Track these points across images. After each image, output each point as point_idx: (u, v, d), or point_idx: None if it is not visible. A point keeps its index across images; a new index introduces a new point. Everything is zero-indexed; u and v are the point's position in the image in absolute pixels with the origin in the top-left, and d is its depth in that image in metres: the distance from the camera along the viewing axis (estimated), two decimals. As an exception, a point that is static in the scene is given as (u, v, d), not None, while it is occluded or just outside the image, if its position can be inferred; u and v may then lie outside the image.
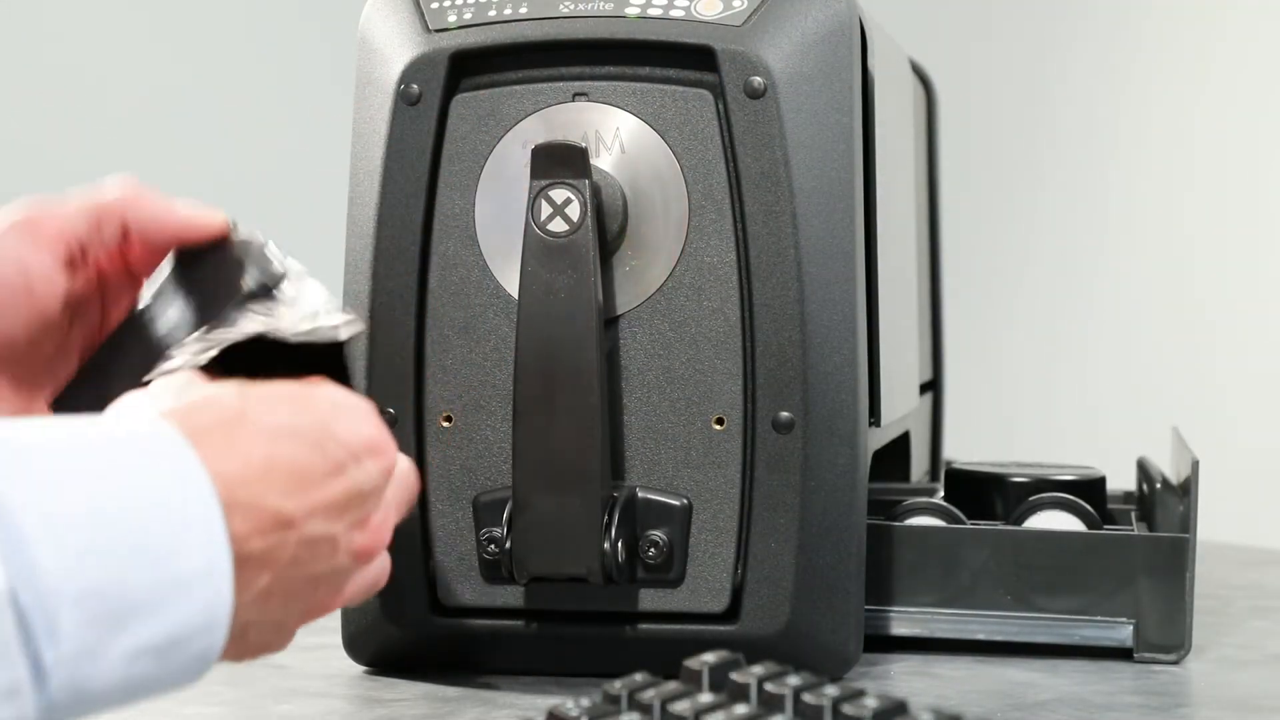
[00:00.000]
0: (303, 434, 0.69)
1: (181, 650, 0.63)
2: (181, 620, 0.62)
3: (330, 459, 0.70)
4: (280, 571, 0.68)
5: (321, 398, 0.72)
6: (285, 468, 0.68)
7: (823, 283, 0.93)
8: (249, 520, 0.66)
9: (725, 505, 0.94)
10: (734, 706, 0.68)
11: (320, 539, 0.69)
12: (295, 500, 0.68)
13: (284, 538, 0.67)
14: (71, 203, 0.86)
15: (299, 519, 0.68)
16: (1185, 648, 1.02)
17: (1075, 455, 1.29)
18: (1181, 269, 2.39)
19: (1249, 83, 2.32)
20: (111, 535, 0.61)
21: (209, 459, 0.65)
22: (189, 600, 0.63)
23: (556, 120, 0.95)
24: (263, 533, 0.66)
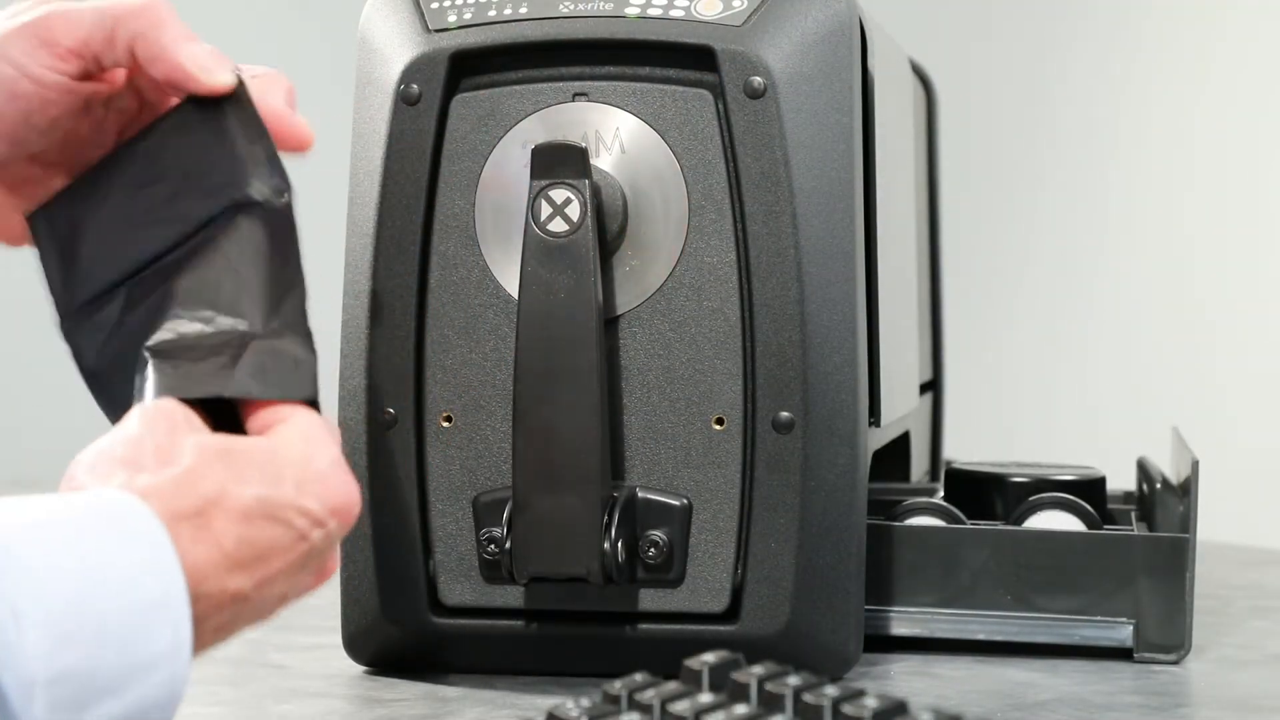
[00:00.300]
0: (274, 511, 0.71)
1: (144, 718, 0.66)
2: (143, 697, 0.65)
3: (295, 531, 0.72)
4: (232, 631, 0.72)
5: (293, 460, 0.73)
6: (251, 550, 0.70)
7: (823, 283, 0.93)
8: (210, 603, 0.69)
9: (725, 505, 0.94)
10: (734, 706, 0.68)
11: (274, 598, 0.72)
12: (255, 578, 0.70)
13: (239, 610, 0.70)
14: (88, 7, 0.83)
15: (253, 591, 0.71)
16: (1185, 648, 1.02)
17: (1075, 455, 1.29)
18: (1181, 269, 2.39)
19: (1249, 82, 2.32)
20: (87, 623, 0.63)
21: (184, 550, 0.67)
22: (151, 680, 0.65)
23: (556, 120, 0.95)
24: (219, 610, 0.69)
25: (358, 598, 0.97)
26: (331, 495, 0.73)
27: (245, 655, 1.02)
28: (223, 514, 0.69)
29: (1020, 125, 2.58)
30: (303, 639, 1.06)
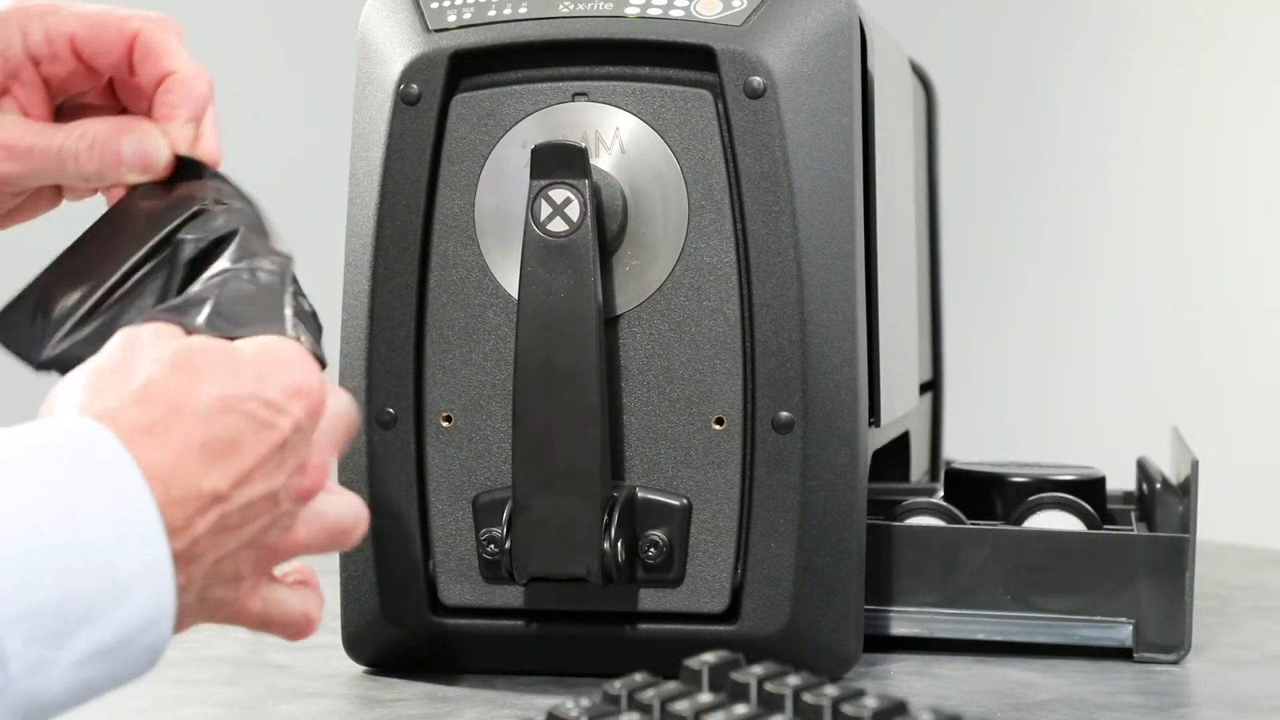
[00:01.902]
0: (234, 405, 0.69)
1: (130, 647, 0.65)
2: (126, 621, 0.64)
3: (259, 421, 0.70)
4: (221, 541, 0.68)
5: (251, 355, 0.72)
6: (217, 446, 0.68)
7: (823, 283, 0.93)
8: (186, 509, 0.67)
9: (725, 505, 0.94)
10: (734, 706, 0.68)
11: (258, 499, 0.70)
12: (227, 473, 0.68)
13: (221, 510, 0.68)
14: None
15: (231, 490, 0.68)
16: (1185, 648, 1.02)
17: (1075, 455, 1.29)
18: (1181, 269, 2.39)
19: (1248, 82, 2.32)
20: (52, 555, 0.62)
21: (144, 459, 0.66)
22: (132, 602, 0.64)
23: (556, 120, 0.95)
24: (202, 513, 0.67)
25: (358, 598, 0.97)
26: (292, 380, 0.71)
27: (245, 655, 1.02)
28: (184, 418, 0.68)
29: (1020, 125, 2.58)
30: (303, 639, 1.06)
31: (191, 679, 0.96)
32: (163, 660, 0.98)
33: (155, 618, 0.65)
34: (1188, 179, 2.39)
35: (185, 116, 0.83)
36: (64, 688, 0.63)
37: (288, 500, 0.71)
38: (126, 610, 0.64)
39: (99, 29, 0.83)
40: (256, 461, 0.69)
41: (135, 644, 0.65)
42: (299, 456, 0.72)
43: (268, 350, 0.73)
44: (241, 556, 0.70)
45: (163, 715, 0.89)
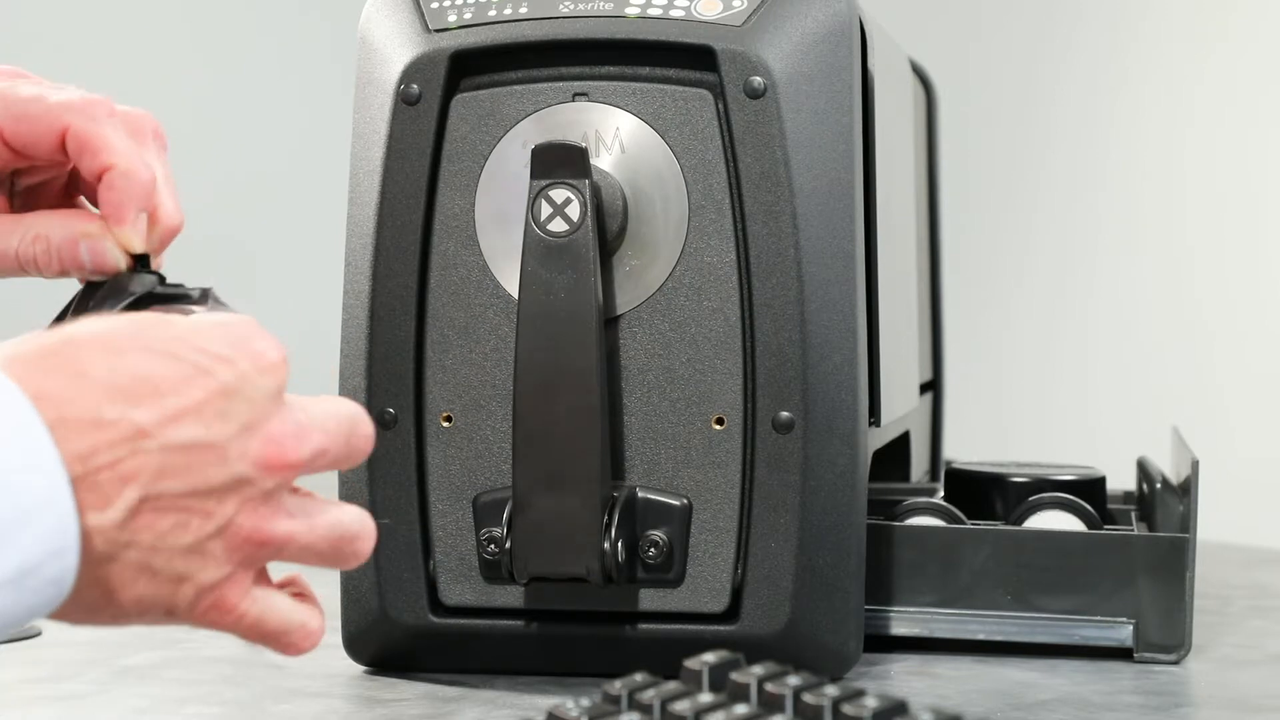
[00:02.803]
0: (152, 347, 0.67)
1: (33, 578, 0.63)
2: (26, 550, 0.62)
3: (188, 363, 0.67)
4: (149, 484, 0.65)
5: (187, 320, 0.69)
6: (130, 378, 0.66)
7: (823, 283, 0.93)
8: (89, 436, 0.64)
9: (725, 505, 0.94)
10: (734, 706, 0.68)
11: (195, 446, 0.66)
12: (147, 409, 0.65)
13: (140, 446, 0.65)
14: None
15: (154, 426, 0.65)
16: (1185, 648, 1.02)
17: (1075, 455, 1.29)
18: (1181, 269, 2.39)
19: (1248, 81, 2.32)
20: None
21: (30, 382, 0.64)
22: (31, 530, 0.62)
23: (556, 120, 0.95)
24: (111, 446, 0.64)
25: (358, 598, 0.97)
26: (240, 335, 0.69)
27: (245, 655, 1.02)
28: (82, 351, 0.65)
29: (1020, 125, 2.58)
30: (303, 639, 1.06)
31: (192, 679, 0.96)
32: (163, 660, 0.98)
33: (58, 548, 0.63)
34: (1188, 179, 2.39)
35: (131, 216, 0.81)
36: None
37: (242, 460, 0.67)
38: (26, 538, 0.62)
39: (28, 122, 0.82)
40: (189, 403, 0.66)
41: (39, 574, 0.63)
42: (252, 412, 0.68)
43: (218, 319, 0.70)
44: (198, 525, 0.66)
45: (163, 715, 0.89)
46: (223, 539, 0.67)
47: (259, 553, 0.69)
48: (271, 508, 0.69)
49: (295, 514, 0.70)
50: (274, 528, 0.69)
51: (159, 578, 0.67)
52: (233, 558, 0.68)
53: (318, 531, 0.71)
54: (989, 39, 2.61)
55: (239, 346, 0.68)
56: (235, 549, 0.68)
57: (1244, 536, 1.53)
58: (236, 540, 0.68)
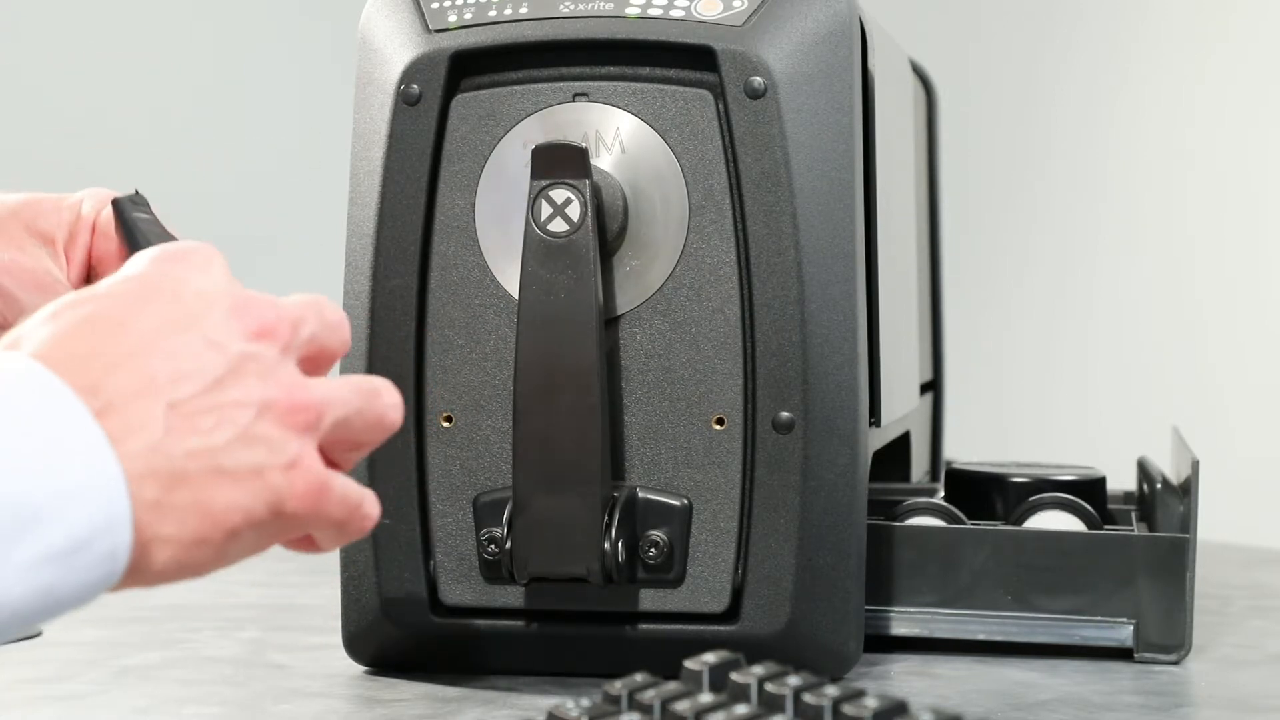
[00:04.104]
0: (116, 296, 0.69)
1: (86, 554, 0.63)
2: (74, 525, 0.63)
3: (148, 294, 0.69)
4: (166, 392, 0.66)
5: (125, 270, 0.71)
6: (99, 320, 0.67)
7: (823, 283, 0.93)
8: (91, 369, 0.65)
9: (725, 505, 0.94)
10: (734, 707, 0.68)
11: (184, 347, 0.67)
12: (124, 337, 0.67)
13: (138, 365, 0.66)
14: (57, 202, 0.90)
15: (139, 347, 0.66)
16: (1185, 648, 1.02)
17: (1075, 455, 1.29)
18: (1181, 269, 2.39)
19: (1248, 81, 2.32)
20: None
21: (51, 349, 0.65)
22: (81, 506, 0.63)
23: (557, 120, 0.95)
24: (109, 372, 0.65)
25: (358, 598, 0.97)
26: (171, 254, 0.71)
27: (245, 655, 1.02)
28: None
29: (1020, 125, 2.58)
30: (303, 639, 1.06)
31: (192, 679, 0.96)
32: (162, 660, 0.98)
33: (107, 524, 0.63)
34: (1188, 179, 2.39)
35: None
36: (21, 589, 0.62)
37: (239, 340, 0.68)
38: (75, 514, 0.63)
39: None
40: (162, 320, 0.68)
41: (91, 550, 0.63)
42: (221, 299, 0.69)
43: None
44: (235, 414, 0.67)
45: (163, 715, 0.89)
46: (269, 419, 0.68)
47: (309, 420, 0.69)
48: (292, 377, 0.70)
49: (318, 382, 0.70)
50: (308, 392, 0.69)
51: (238, 476, 0.67)
52: (289, 433, 0.68)
53: (347, 386, 0.72)
54: (989, 39, 2.61)
55: (174, 260, 0.70)
56: (285, 423, 0.68)
57: (1244, 536, 1.53)
58: (280, 415, 0.68)
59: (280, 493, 0.68)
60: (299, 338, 0.71)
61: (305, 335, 0.71)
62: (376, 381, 0.74)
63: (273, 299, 0.71)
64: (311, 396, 0.69)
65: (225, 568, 0.68)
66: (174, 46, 2.60)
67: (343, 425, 0.72)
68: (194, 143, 2.59)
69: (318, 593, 1.20)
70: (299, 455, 0.69)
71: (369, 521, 0.73)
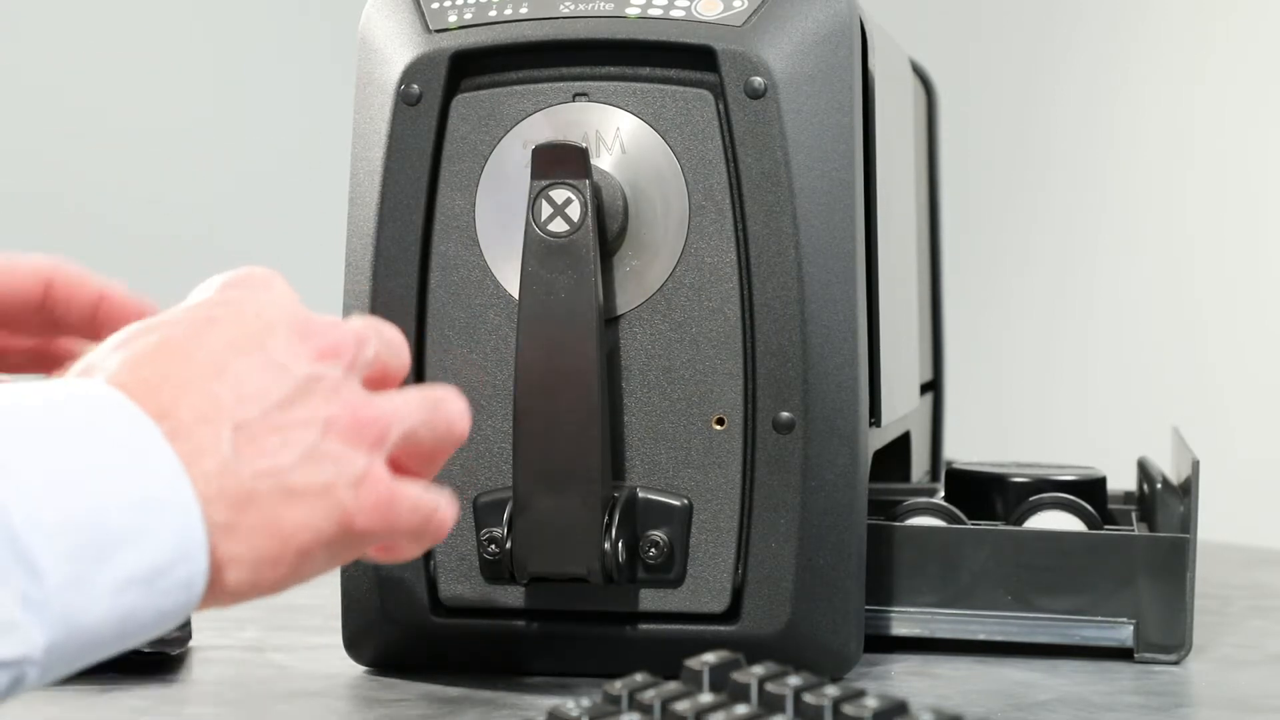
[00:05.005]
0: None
1: (165, 579, 0.64)
2: (158, 549, 0.63)
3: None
4: (232, 414, 0.67)
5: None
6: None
7: (823, 283, 0.93)
8: (161, 392, 0.66)
9: (725, 505, 0.94)
10: (734, 707, 0.68)
11: (250, 370, 0.68)
12: (190, 361, 0.67)
13: (205, 389, 0.67)
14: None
15: (208, 370, 0.67)
16: (1185, 648, 1.02)
17: (1075, 455, 1.29)
18: (1181, 269, 2.39)
19: (1248, 81, 2.32)
20: (83, 480, 0.62)
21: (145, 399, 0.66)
22: (163, 530, 0.63)
23: (557, 120, 0.95)
24: (178, 393, 0.66)
25: (358, 598, 0.97)
26: (232, 280, 0.72)
27: (245, 655, 1.02)
28: (181, 343, 0.68)
29: (1020, 125, 2.58)
30: (303, 639, 1.06)
31: (192, 679, 0.96)
32: (162, 660, 0.98)
33: (186, 548, 0.64)
34: (1188, 179, 2.39)
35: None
36: (105, 612, 0.62)
37: (305, 363, 0.69)
38: (158, 538, 0.63)
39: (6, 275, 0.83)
40: (228, 340, 0.68)
41: (171, 576, 0.64)
42: (286, 320, 0.70)
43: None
44: (300, 434, 0.67)
45: (163, 715, 0.89)
46: (334, 436, 0.69)
47: (376, 435, 0.70)
48: (356, 394, 0.70)
49: (382, 396, 0.71)
50: (372, 408, 0.70)
51: (306, 495, 0.67)
52: (356, 450, 0.69)
53: (413, 399, 0.72)
54: (989, 39, 2.61)
55: (237, 284, 0.72)
56: (351, 440, 0.69)
57: (1244, 536, 1.53)
58: (345, 432, 0.69)
59: (348, 509, 0.68)
60: (364, 357, 0.72)
61: (369, 355, 0.72)
62: (440, 391, 0.75)
63: (335, 320, 0.72)
64: (375, 412, 0.70)
65: (300, 584, 0.69)
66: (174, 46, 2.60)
67: (411, 438, 0.73)
68: (194, 143, 2.59)
69: (318, 593, 1.19)
70: (366, 471, 0.69)
71: (445, 527, 0.73)
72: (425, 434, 0.74)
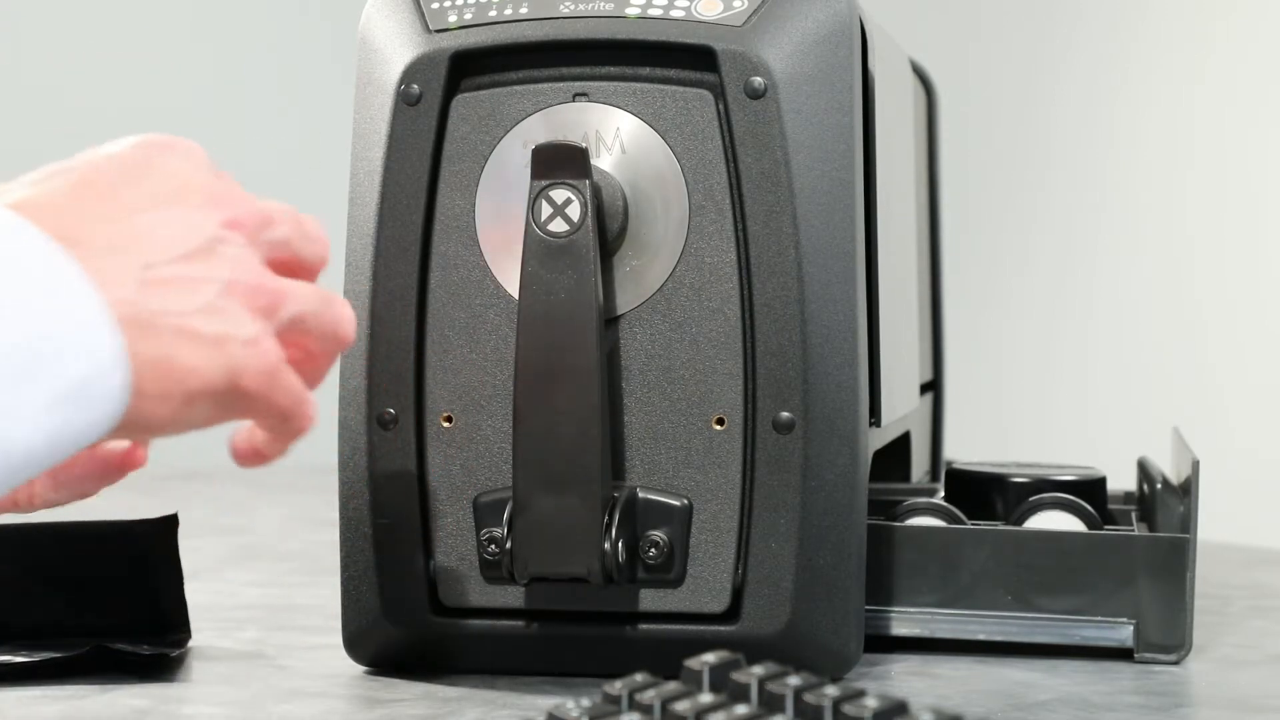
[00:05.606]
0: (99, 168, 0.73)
1: (89, 391, 0.67)
2: (79, 364, 0.67)
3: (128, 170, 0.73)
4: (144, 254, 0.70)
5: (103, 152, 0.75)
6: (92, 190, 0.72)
7: (823, 283, 0.93)
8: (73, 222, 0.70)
9: (725, 505, 0.94)
10: (734, 707, 0.68)
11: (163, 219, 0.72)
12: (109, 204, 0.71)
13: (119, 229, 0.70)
14: None
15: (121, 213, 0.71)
16: (1185, 648, 1.02)
17: (1075, 455, 1.29)
18: (1181, 269, 2.39)
19: (1248, 80, 2.32)
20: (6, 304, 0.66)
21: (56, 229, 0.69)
22: (80, 346, 0.67)
23: (557, 120, 0.95)
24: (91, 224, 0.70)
25: (358, 598, 0.97)
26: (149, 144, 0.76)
27: (245, 655, 1.02)
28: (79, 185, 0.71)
29: (1020, 125, 2.58)
30: (303, 639, 1.06)
31: (191, 679, 0.96)
32: (162, 660, 0.98)
33: (107, 363, 0.67)
34: (1188, 179, 2.39)
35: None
36: (35, 431, 0.65)
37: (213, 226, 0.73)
38: (79, 354, 0.66)
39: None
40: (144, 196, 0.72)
41: (95, 388, 0.67)
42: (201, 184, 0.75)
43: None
44: (204, 287, 0.71)
45: (163, 715, 0.89)
46: (234, 296, 0.72)
47: (270, 304, 0.74)
48: (255, 265, 0.74)
49: (279, 277, 0.76)
50: (269, 280, 0.74)
51: (202, 341, 0.71)
52: (250, 314, 0.73)
53: (307, 289, 0.76)
54: (989, 39, 2.61)
55: (159, 146, 0.76)
56: (247, 304, 0.73)
57: (1244, 536, 1.53)
58: (243, 294, 0.73)
59: (238, 364, 0.72)
60: (267, 235, 0.76)
61: (275, 236, 0.77)
62: (332, 294, 0.79)
63: (248, 195, 0.76)
64: (272, 285, 0.75)
65: (177, 434, 0.72)
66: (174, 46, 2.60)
67: (299, 322, 0.76)
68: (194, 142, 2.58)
69: (318, 593, 1.20)
70: (258, 335, 0.73)
71: (309, 421, 0.77)
72: (313, 323, 0.77)
